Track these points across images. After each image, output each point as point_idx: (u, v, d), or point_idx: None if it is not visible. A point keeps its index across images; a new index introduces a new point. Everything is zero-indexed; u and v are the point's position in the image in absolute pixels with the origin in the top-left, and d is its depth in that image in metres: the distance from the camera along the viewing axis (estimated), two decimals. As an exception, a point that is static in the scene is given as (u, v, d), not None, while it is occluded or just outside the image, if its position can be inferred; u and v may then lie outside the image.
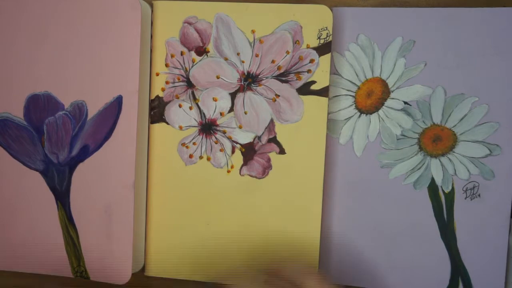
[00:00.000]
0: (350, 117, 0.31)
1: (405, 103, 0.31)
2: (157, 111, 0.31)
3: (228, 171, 0.31)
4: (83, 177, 0.31)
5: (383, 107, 0.31)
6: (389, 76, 0.31)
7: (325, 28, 0.30)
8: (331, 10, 0.30)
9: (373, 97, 0.31)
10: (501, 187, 0.30)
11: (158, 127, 0.31)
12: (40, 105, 0.31)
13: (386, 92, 0.31)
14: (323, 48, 0.31)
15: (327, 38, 0.30)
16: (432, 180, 0.31)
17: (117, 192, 0.31)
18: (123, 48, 0.30)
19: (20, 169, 0.31)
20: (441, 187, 0.31)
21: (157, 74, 0.31)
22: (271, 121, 0.31)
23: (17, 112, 0.31)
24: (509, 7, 0.30)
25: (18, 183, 0.31)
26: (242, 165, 0.32)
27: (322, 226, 0.31)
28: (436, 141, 0.31)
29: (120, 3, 0.30)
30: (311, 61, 0.31)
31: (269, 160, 0.31)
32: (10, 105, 0.31)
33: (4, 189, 0.31)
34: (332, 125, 0.31)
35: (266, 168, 0.31)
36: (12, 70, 0.31)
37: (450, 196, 0.31)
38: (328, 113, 0.31)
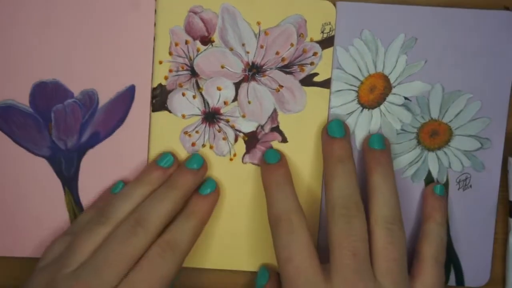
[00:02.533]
0: (352, 112, 0.34)
1: (406, 98, 0.34)
2: (159, 99, 0.33)
3: (231, 159, 0.34)
4: (93, 163, 0.33)
5: (385, 102, 0.34)
6: (391, 72, 0.34)
7: (328, 23, 0.33)
8: (336, 4, 0.33)
9: (376, 92, 0.34)
10: (489, 178, 0.34)
11: (160, 115, 0.33)
12: (48, 93, 0.33)
13: (388, 87, 0.34)
14: (326, 42, 0.33)
15: (330, 32, 0.33)
16: (429, 172, 0.34)
17: (129, 176, 0.34)
18: (136, 37, 0.33)
19: (25, 155, 0.33)
20: (437, 179, 0.35)
21: (160, 63, 0.32)
22: (274, 110, 0.34)
23: (22, 99, 0.33)
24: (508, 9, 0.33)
25: (22, 170, 0.33)
26: (245, 153, 0.34)
27: (321, 220, 0.34)
28: (434, 135, 0.34)
29: None
30: (314, 54, 0.33)
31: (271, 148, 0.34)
32: (15, 92, 0.32)
33: (8, 176, 0.33)
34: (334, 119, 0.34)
35: (268, 157, 0.34)
36: (17, 58, 0.32)
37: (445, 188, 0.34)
38: (331, 107, 0.34)
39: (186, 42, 0.33)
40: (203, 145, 0.34)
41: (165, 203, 0.30)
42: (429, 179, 0.34)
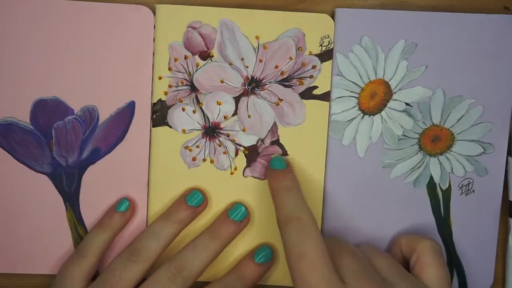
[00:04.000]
0: (353, 118, 0.35)
1: (407, 104, 0.35)
2: (159, 114, 0.33)
3: (232, 173, 0.35)
4: (94, 179, 0.34)
5: (386, 108, 0.35)
6: (391, 78, 0.34)
7: (326, 36, 0.34)
8: (335, 11, 0.34)
9: (376, 99, 0.35)
10: (492, 183, 0.35)
11: (160, 130, 0.34)
12: (48, 110, 0.33)
13: (388, 93, 0.35)
14: (325, 55, 0.34)
15: (329, 45, 0.34)
16: (431, 178, 0.35)
17: (130, 191, 0.34)
18: (135, 53, 0.33)
19: (26, 172, 0.34)
20: (439, 184, 0.35)
21: (160, 78, 0.33)
22: (274, 124, 0.35)
23: (22, 116, 0.34)
24: (506, 13, 0.34)
25: (24, 186, 0.34)
26: (246, 167, 0.35)
27: (325, 224, 0.35)
28: (435, 140, 0.35)
29: (131, 10, 0.33)
30: (313, 67, 0.34)
31: (272, 162, 0.35)
32: (15, 110, 0.33)
33: (10, 192, 0.34)
34: (335, 126, 0.35)
35: (269, 170, 0.35)
36: (17, 76, 0.33)
37: (447, 193, 0.35)
38: (332, 114, 0.35)
39: (186, 57, 0.34)
40: (204, 160, 0.34)
41: (206, 254, 0.32)
42: (431, 184, 0.35)
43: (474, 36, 0.34)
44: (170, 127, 0.34)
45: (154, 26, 0.33)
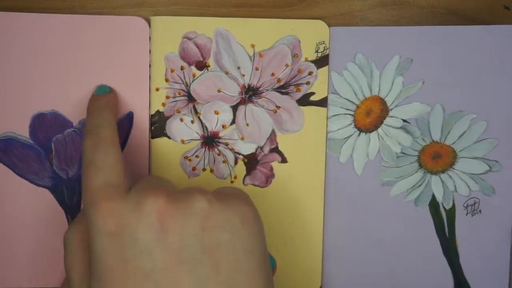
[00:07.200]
0: (349, 136, 0.34)
1: (404, 121, 0.34)
2: (158, 126, 0.34)
3: (232, 182, 0.35)
4: None
5: (382, 125, 0.34)
6: (387, 95, 0.34)
7: (322, 42, 0.34)
8: (329, 29, 0.34)
9: (372, 116, 0.34)
10: (501, 203, 0.33)
11: (159, 141, 0.34)
12: (47, 124, 0.34)
13: (385, 110, 0.34)
14: (321, 61, 0.34)
15: (324, 51, 0.34)
16: (433, 197, 0.34)
17: None
18: (131, 66, 0.34)
19: (27, 187, 0.35)
20: (442, 203, 0.34)
21: (157, 90, 0.33)
22: (273, 131, 0.34)
23: (22, 131, 0.34)
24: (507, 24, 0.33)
25: (25, 201, 0.35)
26: (245, 175, 0.35)
27: (324, 240, 0.35)
28: (436, 158, 0.34)
29: (127, 21, 0.33)
30: (310, 73, 0.34)
31: (271, 169, 0.34)
32: (14, 125, 0.34)
33: (11, 207, 0.35)
34: (332, 144, 0.35)
35: (269, 177, 0.35)
36: (15, 91, 0.34)
37: (451, 213, 0.34)
38: (328, 132, 0.34)
39: (182, 68, 0.34)
40: (204, 169, 0.35)
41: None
42: (433, 204, 0.34)
43: (472, 49, 0.33)
44: (169, 138, 0.34)
45: (150, 38, 0.34)
